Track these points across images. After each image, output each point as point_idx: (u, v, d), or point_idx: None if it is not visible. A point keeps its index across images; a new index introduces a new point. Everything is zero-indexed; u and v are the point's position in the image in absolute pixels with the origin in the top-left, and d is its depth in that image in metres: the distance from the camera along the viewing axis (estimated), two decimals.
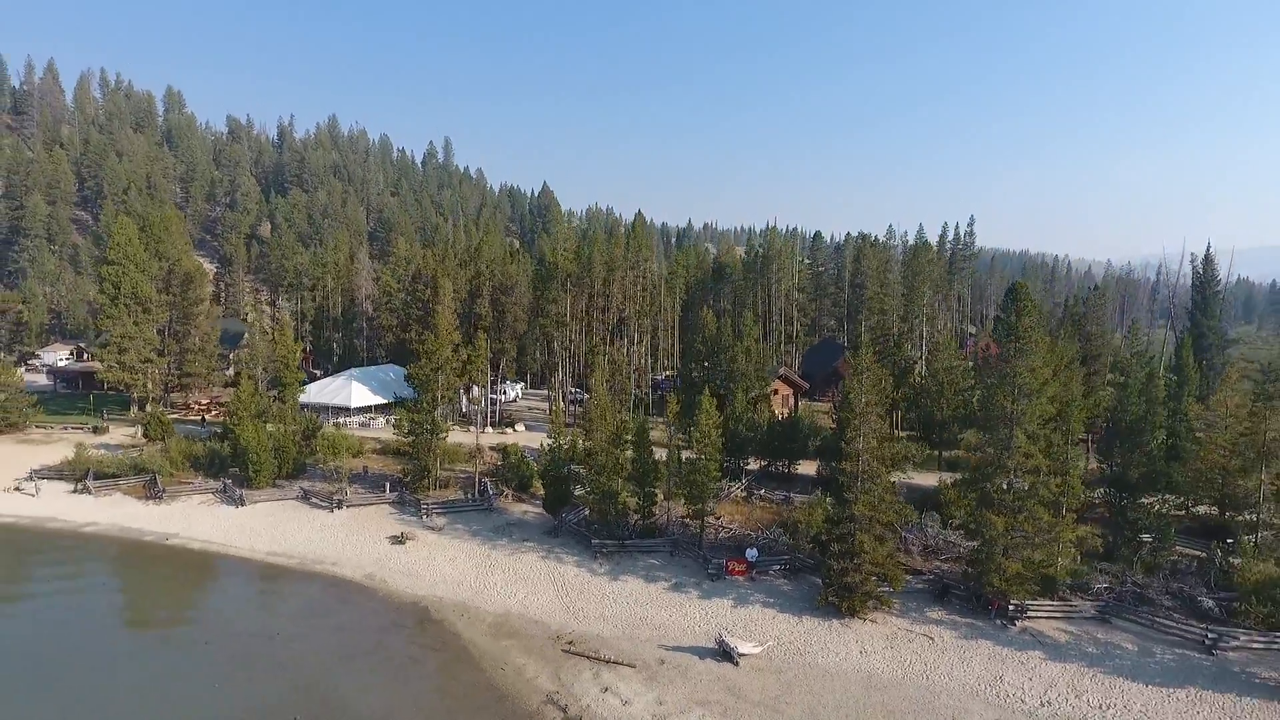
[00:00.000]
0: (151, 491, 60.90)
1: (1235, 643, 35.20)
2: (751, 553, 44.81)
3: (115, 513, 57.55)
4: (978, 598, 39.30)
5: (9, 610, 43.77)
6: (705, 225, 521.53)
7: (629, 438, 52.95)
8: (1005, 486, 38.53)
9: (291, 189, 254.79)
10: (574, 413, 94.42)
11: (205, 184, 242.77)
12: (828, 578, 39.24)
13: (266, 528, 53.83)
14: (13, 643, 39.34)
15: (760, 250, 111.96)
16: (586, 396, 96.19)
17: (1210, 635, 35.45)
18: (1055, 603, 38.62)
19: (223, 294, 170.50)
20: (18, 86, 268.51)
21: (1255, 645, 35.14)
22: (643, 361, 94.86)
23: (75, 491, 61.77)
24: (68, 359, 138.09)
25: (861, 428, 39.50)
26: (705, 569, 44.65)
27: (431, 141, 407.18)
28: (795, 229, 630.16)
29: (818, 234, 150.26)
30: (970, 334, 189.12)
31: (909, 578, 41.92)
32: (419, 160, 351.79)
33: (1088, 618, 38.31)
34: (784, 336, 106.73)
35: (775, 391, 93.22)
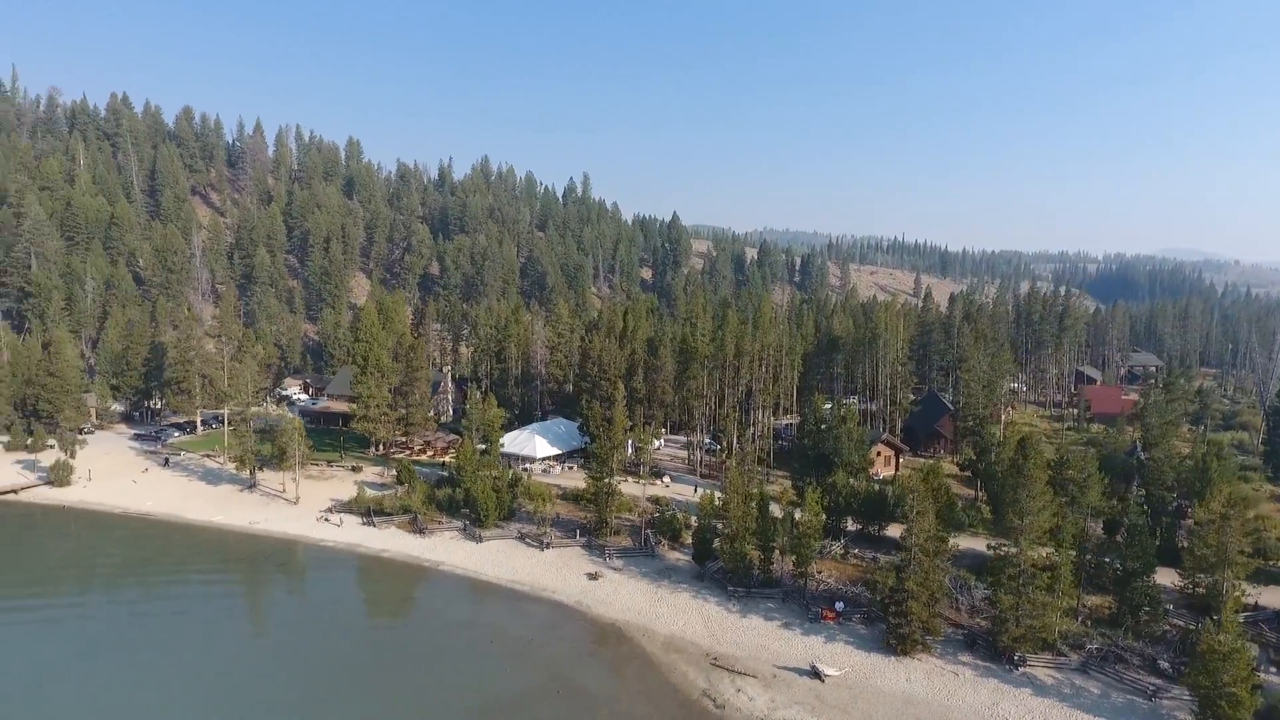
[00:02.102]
0: (415, 527, 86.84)
1: (1169, 694, 51.50)
2: (839, 605, 64.33)
3: (396, 543, 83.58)
4: (995, 648, 57.07)
5: (387, 620, 69.62)
6: (836, 239, 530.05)
7: (755, 507, 73.36)
8: (1015, 574, 56.14)
9: (455, 234, 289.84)
10: (708, 462, 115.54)
11: (385, 228, 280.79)
12: (888, 627, 58.19)
13: (501, 560, 77.98)
14: (389, 639, 64.59)
15: (868, 323, 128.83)
16: (719, 447, 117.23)
17: (1153, 687, 51.91)
18: (1049, 656, 55.93)
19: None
20: (231, 143, 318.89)
21: (1185, 698, 51.27)
22: (766, 426, 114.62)
23: (364, 524, 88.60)
24: (300, 394, 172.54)
25: (914, 529, 58.09)
26: (806, 614, 64.49)
27: (571, 177, 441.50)
28: (923, 244, 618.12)
29: (928, 292, 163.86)
30: (1090, 378, 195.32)
31: (950, 629, 60.09)
32: (560, 192, 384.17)
33: (1072, 668, 55.39)
34: (889, 401, 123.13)
35: (879, 454, 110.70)
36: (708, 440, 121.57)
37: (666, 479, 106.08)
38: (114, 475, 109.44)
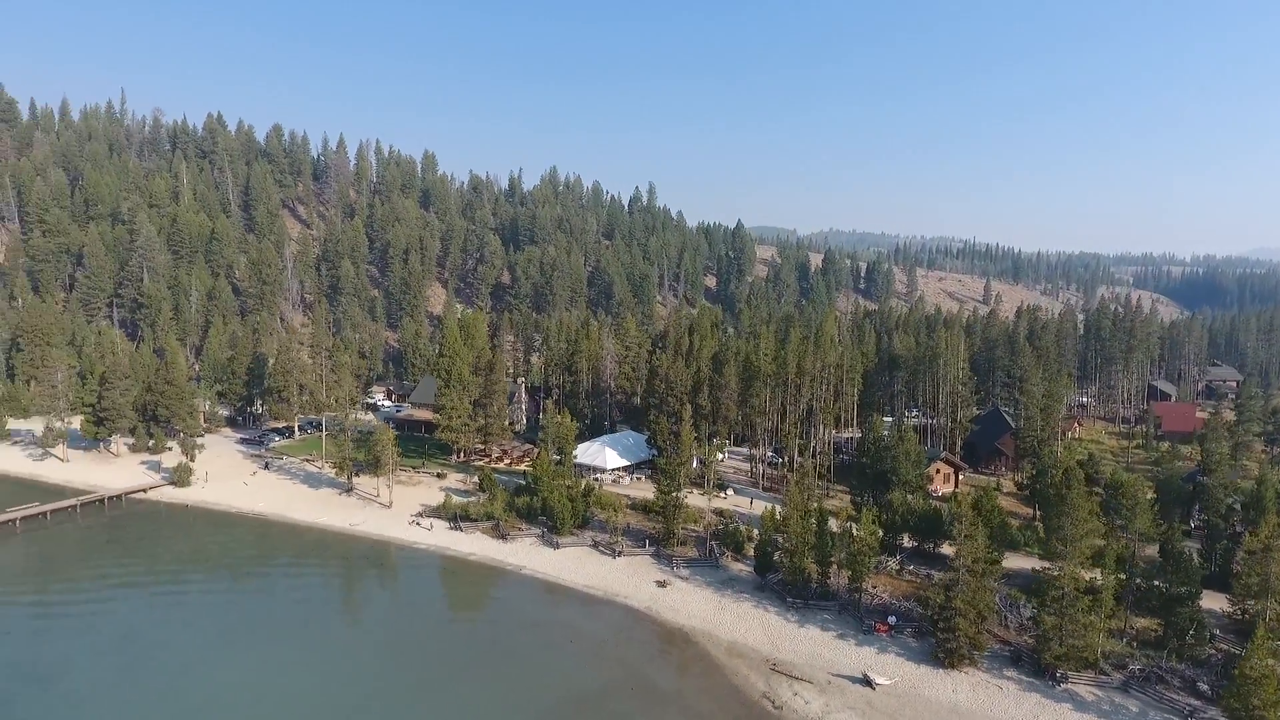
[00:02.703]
0: (498, 532, 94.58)
1: (1205, 716, 54.65)
2: (892, 619, 68.92)
3: (481, 547, 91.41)
4: (1039, 665, 60.88)
5: (475, 618, 77.48)
6: (904, 242, 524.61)
7: (813, 523, 78.35)
8: (1058, 596, 59.87)
9: (525, 244, 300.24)
10: (770, 475, 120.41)
11: (460, 239, 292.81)
12: (937, 641, 62.60)
13: (577, 566, 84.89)
14: (477, 635, 72.17)
15: (929, 342, 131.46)
16: (781, 460, 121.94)
17: (1190, 708, 55.11)
18: (1091, 674, 59.47)
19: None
20: (316, 158, 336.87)
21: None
22: (827, 441, 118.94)
23: (451, 529, 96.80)
24: (385, 401, 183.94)
25: (962, 552, 62.31)
26: (860, 626, 69.25)
27: (637, 186, 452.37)
28: (995, 246, 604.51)
29: (998, 299, 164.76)
30: (1163, 393, 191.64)
31: (998, 645, 64.10)
32: (625, 201, 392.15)
33: (1114, 687, 58.85)
34: (950, 419, 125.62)
35: (938, 471, 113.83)
36: (770, 453, 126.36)
37: (730, 491, 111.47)
38: (226, 477, 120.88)
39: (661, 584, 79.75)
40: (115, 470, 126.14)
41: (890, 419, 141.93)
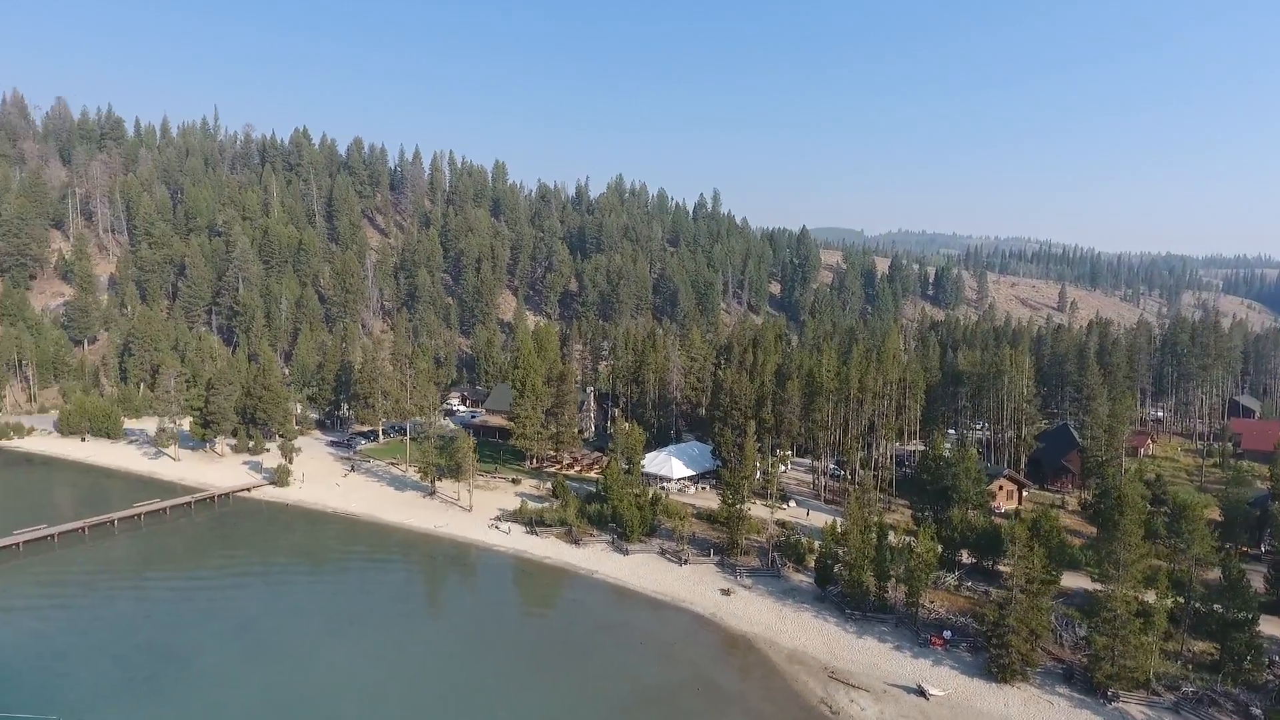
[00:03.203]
0: (571, 537, 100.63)
1: None
2: (948, 633, 71.96)
3: (555, 551, 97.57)
4: (1090, 683, 63.22)
5: (551, 618, 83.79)
6: (975, 245, 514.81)
7: (873, 536, 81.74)
8: (1110, 618, 62.12)
9: (592, 252, 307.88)
10: (832, 487, 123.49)
11: (529, 248, 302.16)
12: (990, 656, 65.51)
13: (645, 572, 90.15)
14: (553, 634, 78.23)
15: (994, 359, 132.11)
16: (842, 473, 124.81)
17: None
18: (1142, 694, 61.57)
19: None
20: (393, 169, 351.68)
21: None
22: (889, 455, 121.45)
23: (528, 533, 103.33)
24: (460, 406, 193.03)
25: (1015, 572, 65.05)
26: (916, 639, 72.51)
27: (701, 193, 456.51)
28: (1071, 249, 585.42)
29: (1059, 327, 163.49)
30: (1247, 409, 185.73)
31: (1051, 663, 66.58)
32: (690, 208, 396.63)
33: (1164, 707, 60.84)
34: (1016, 435, 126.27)
35: (1000, 488, 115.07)
36: (832, 466, 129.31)
37: (792, 503, 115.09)
38: (320, 478, 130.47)
39: (726, 592, 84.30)
40: (221, 469, 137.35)
41: (954, 433, 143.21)
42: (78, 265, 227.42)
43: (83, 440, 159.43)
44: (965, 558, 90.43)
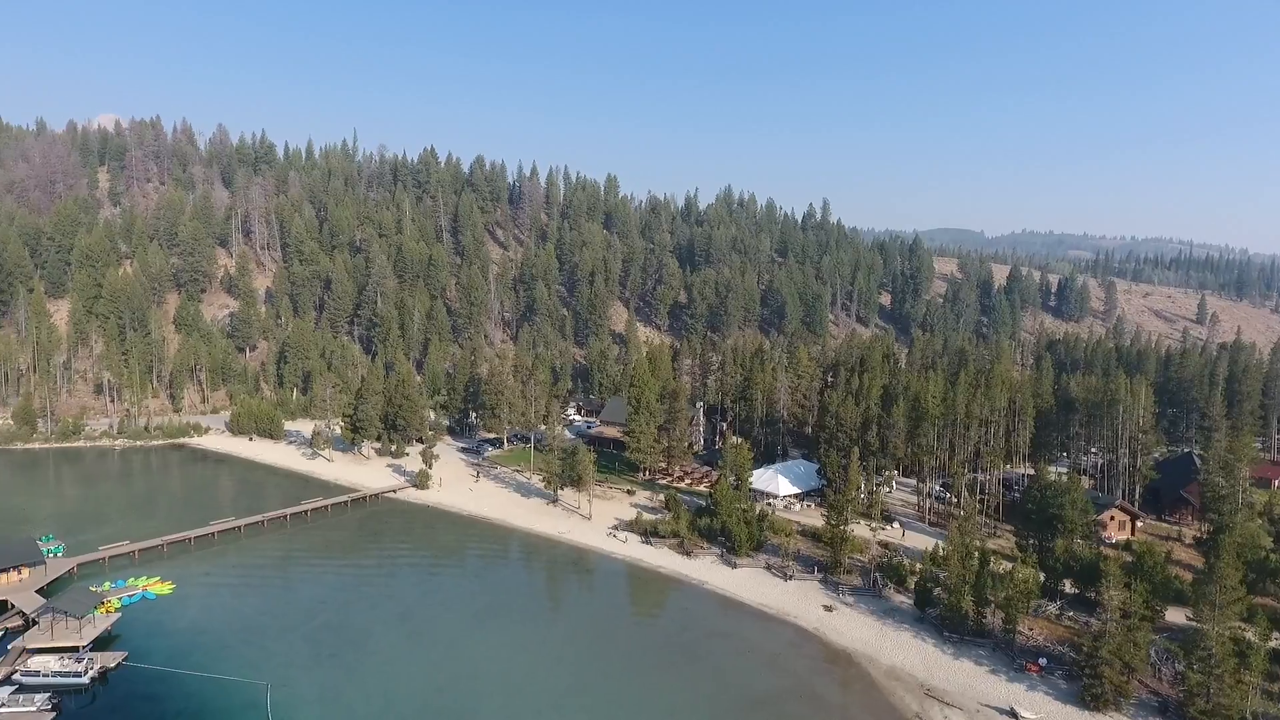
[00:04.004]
0: (683, 549, 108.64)
1: None
2: (1043, 660, 75.37)
3: (668, 561, 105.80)
4: (1184, 718, 65.54)
5: (664, 623, 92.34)
6: (1108, 249, 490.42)
7: (975, 560, 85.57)
8: (1204, 656, 64.35)
9: (701, 264, 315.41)
10: (937, 510, 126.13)
11: (639, 261, 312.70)
12: (1083, 685, 68.80)
13: (752, 585, 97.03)
14: (666, 638, 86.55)
15: (1107, 387, 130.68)
16: (948, 495, 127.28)
17: None
18: None
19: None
20: (512, 184, 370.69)
21: None
22: (995, 481, 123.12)
23: (643, 542, 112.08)
24: (575, 416, 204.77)
25: (1109, 606, 68.08)
26: (1012, 664, 76.27)
27: (811, 203, 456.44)
28: (1216, 253, 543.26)
29: (1187, 348, 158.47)
30: None
31: (1147, 695, 69.11)
32: (799, 218, 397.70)
33: None
34: (1129, 465, 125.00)
35: (1112, 518, 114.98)
36: (938, 488, 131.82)
37: (896, 524, 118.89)
38: (453, 482, 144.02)
39: (828, 608, 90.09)
40: (369, 471, 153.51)
41: (1066, 458, 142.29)
42: (241, 280, 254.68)
43: (250, 440, 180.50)
44: (1069, 587, 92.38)
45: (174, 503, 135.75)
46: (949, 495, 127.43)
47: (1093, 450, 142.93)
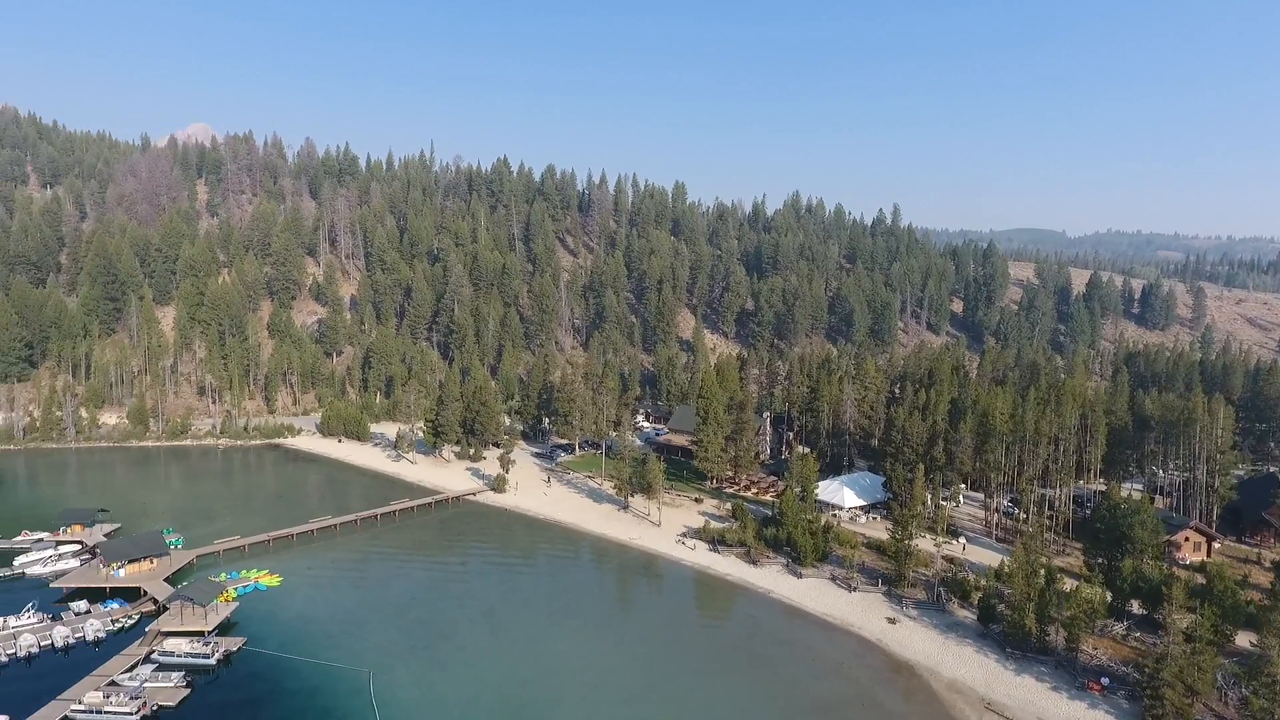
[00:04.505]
0: (749, 557, 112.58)
1: None
2: (1105, 680, 76.70)
3: (735, 569, 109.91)
4: None
5: (730, 629, 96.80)
6: (1201, 251, 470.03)
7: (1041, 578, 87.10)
8: (1269, 683, 65.05)
9: (768, 271, 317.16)
10: (1005, 525, 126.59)
11: (707, 268, 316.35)
12: (1145, 706, 70.12)
13: (817, 595, 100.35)
14: (732, 644, 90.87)
15: (1184, 407, 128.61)
16: (1016, 510, 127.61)
17: None
18: None
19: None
20: (582, 193, 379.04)
21: None
22: (1065, 498, 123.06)
23: (710, 550, 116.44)
24: (644, 423, 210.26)
25: (1171, 629, 69.24)
26: (1074, 682, 77.81)
27: (880, 208, 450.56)
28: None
29: (1276, 363, 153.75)
30: None
31: (1212, 718, 69.93)
32: (869, 223, 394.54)
33: None
34: (1207, 484, 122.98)
35: (1186, 539, 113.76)
36: (1007, 504, 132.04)
37: (962, 539, 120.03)
38: (528, 487, 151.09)
39: (891, 620, 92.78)
40: (449, 474, 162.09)
41: (1142, 475, 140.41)
42: (328, 289, 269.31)
43: (339, 441, 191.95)
44: (1136, 608, 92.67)
45: (274, 500, 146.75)
46: (1017, 511, 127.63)
47: (1170, 468, 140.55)
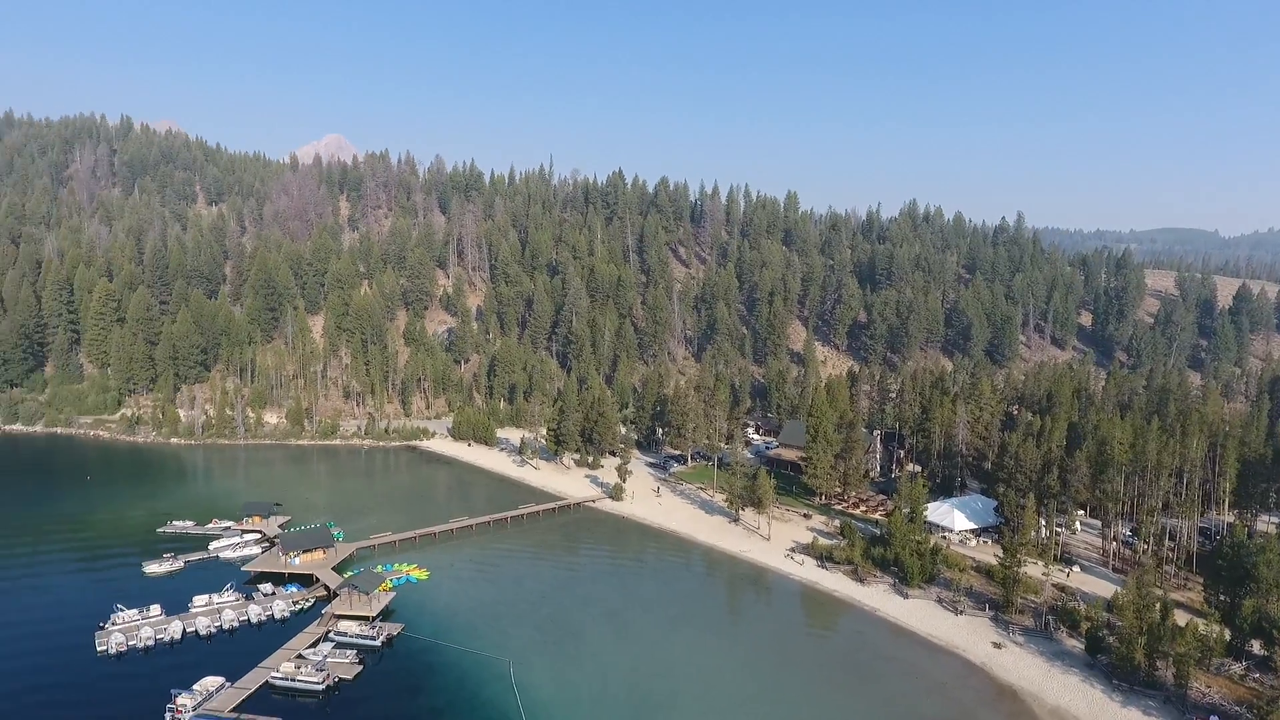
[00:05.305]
0: (856, 575, 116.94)
1: None
2: (1214, 718, 77.27)
3: (842, 586, 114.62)
4: None
5: (836, 644, 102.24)
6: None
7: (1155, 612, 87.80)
8: None
9: (882, 283, 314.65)
10: (1123, 555, 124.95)
11: (819, 279, 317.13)
12: None
13: (923, 616, 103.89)
14: (838, 658, 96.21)
15: None
16: (1135, 540, 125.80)
17: None
18: None
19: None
20: (694, 203, 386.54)
21: None
22: (1188, 532, 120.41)
23: (818, 566, 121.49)
24: (754, 435, 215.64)
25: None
26: (1181, 718, 78.65)
27: (1004, 216, 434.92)
28: None
29: None
30: None
31: None
32: (990, 231, 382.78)
33: None
34: None
35: None
36: (1127, 534, 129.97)
37: (1075, 568, 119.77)
38: (643, 496, 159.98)
39: (997, 645, 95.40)
40: (569, 480, 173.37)
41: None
42: (456, 300, 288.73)
43: (468, 445, 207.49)
44: (1258, 648, 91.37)
45: (413, 499, 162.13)
46: (1137, 540, 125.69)
47: None
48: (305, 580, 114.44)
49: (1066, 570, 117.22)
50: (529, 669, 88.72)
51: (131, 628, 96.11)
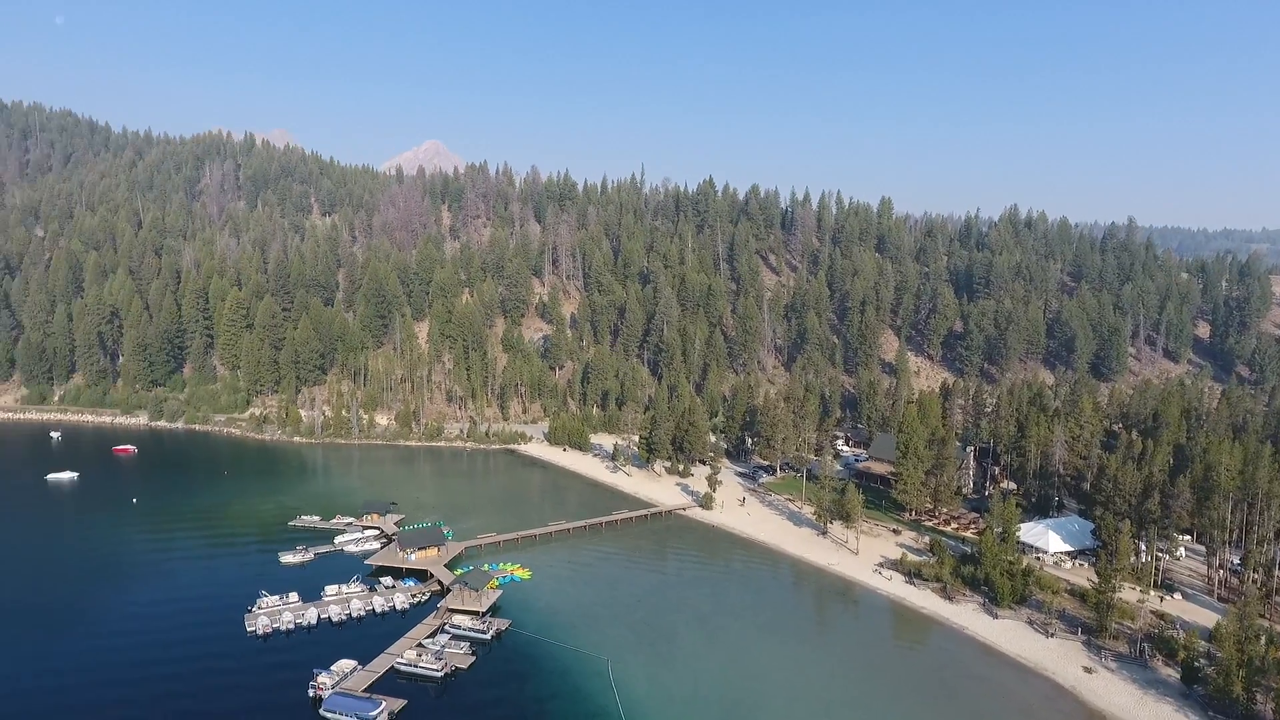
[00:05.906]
0: (945, 593, 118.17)
1: None
2: None
3: (930, 603, 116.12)
4: None
5: (923, 660, 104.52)
6: None
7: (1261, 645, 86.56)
8: None
9: (980, 291, 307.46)
10: (1230, 584, 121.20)
11: (912, 288, 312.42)
12: None
13: (1012, 637, 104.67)
14: (925, 674, 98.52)
15: None
16: (1243, 569, 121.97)
17: None
18: None
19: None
20: (785, 210, 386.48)
21: None
22: None
23: (906, 582, 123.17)
24: (844, 447, 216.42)
25: None
26: None
27: (1113, 220, 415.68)
28: None
29: None
30: None
31: None
32: (1097, 236, 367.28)
33: None
34: None
35: None
36: (1234, 561, 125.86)
37: (1176, 595, 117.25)
38: (732, 505, 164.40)
39: (1088, 670, 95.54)
40: (660, 488, 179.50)
41: None
42: (552, 308, 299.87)
43: (564, 450, 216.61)
44: None
45: (513, 500, 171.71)
46: (1244, 569, 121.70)
47: None
48: (420, 575, 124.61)
49: (1159, 597, 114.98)
50: (625, 667, 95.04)
51: (275, 611, 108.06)
